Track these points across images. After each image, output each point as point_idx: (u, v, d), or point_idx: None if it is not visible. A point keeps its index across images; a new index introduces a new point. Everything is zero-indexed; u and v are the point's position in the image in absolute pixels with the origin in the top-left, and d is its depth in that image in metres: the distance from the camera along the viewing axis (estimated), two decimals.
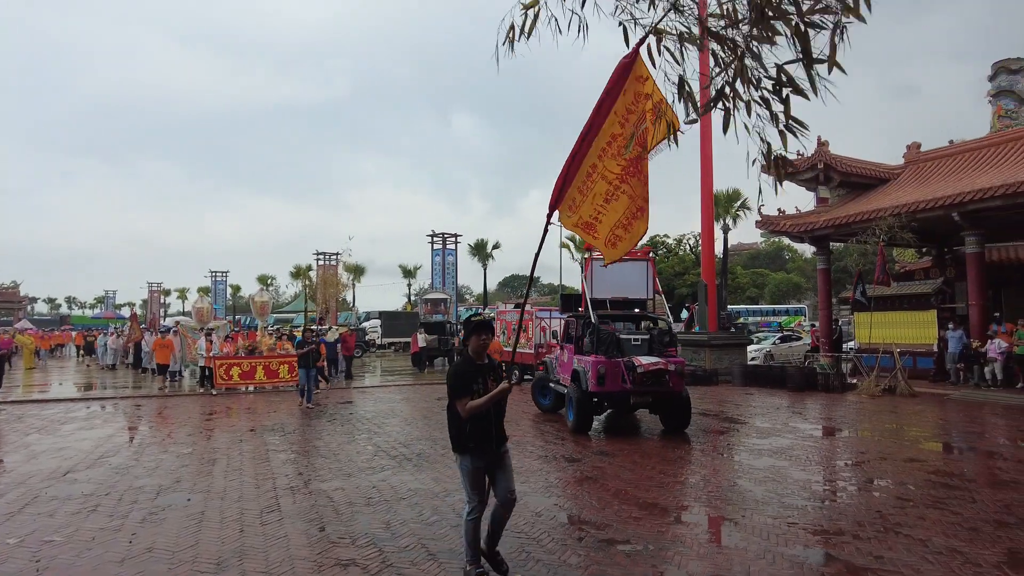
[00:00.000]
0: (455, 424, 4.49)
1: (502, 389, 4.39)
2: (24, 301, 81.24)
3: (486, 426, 4.46)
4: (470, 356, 4.50)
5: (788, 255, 79.58)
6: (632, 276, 12.80)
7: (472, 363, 4.47)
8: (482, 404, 4.32)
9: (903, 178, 21.65)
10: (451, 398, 4.46)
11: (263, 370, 18.03)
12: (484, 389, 4.37)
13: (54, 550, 5.30)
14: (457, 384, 4.39)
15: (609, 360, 10.68)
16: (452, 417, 4.51)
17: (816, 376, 17.85)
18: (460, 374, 4.42)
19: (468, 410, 4.32)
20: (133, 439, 10.70)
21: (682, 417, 10.94)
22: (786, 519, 6.04)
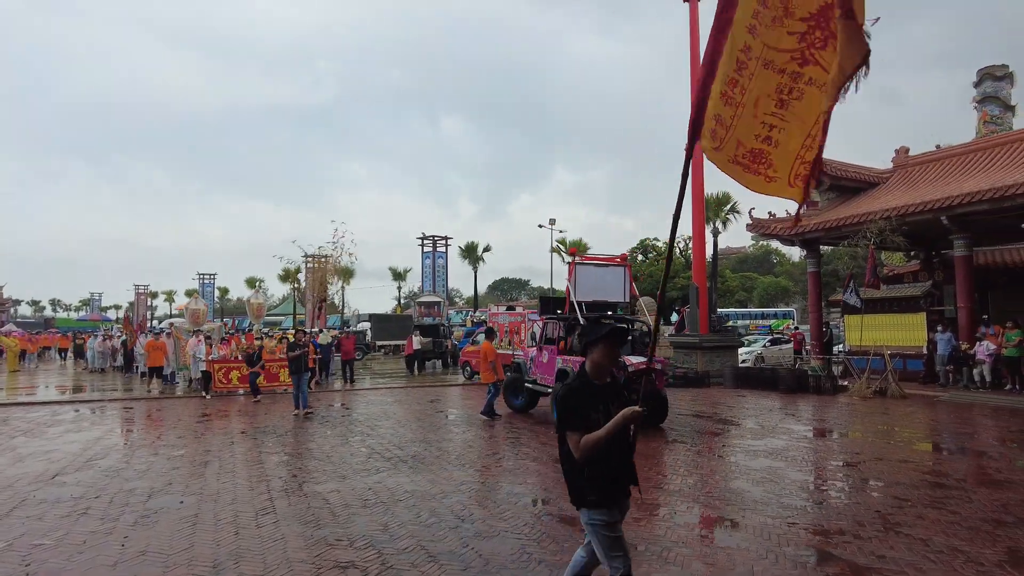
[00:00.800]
0: (572, 468, 3.31)
1: (629, 415, 3.15)
2: (7, 304, 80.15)
3: (611, 467, 3.28)
4: (587, 374, 3.30)
5: (776, 259, 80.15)
6: (611, 281, 13.40)
7: (590, 384, 3.26)
8: (600, 438, 3.12)
9: (892, 182, 21.85)
10: (561, 431, 3.28)
11: (263, 374, 17.65)
12: (607, 417, 3.18)
13: (44, 554, 5.18)
14: (569, 413, 3.18)
15: None
16: (567, 458, 3.32)
17: (807, 378, 17.93)
18: (573, 399, 3.19)
19: (583, 448, 3.13)
20: (123, 441, 10.53)
21: (661, 413, 11.68)
22: (786, 519, 6.02)
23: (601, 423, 3.15)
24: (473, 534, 5.62)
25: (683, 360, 20.93)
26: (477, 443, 10.18)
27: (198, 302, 27.83)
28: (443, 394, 17.62)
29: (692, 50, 22.55)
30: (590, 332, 3.35)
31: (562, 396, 3.24)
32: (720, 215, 42.79)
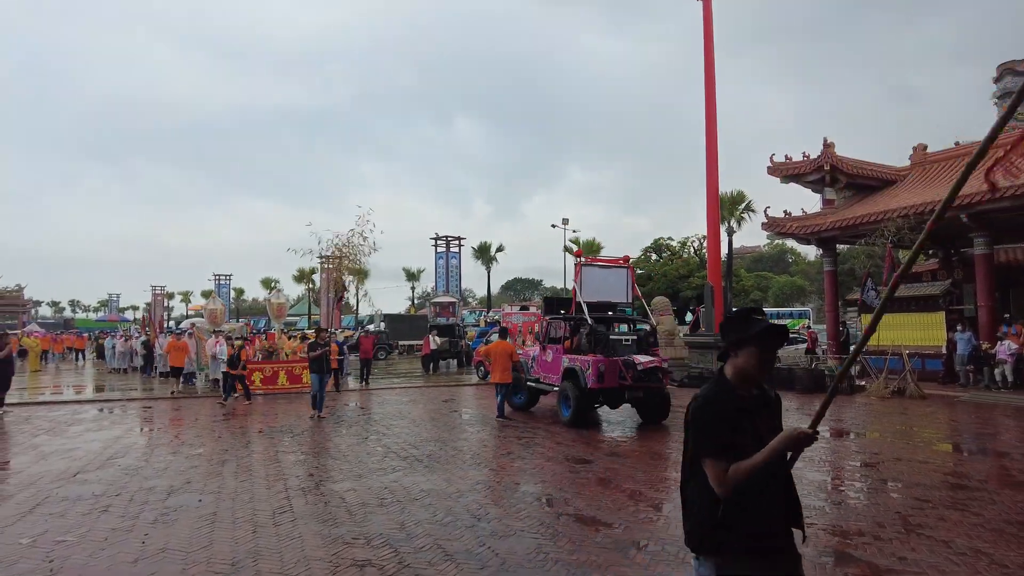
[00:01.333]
0: (702, 500, 2.40)
1: (795, 438, 2.31)
2: (28, 304, 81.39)
3: (763, 504, 2.33)
4: (728, 383, 2.44)
5: (791, 258, 79.49)
6: (614, 282, 13.94)
7: (732, 395, 2.40)
8: (754, 467, 2.27)
9: (910, 180, 21.59)
10: (696, 453, 2.41)
11: (285, 375, 17.56)
12: (756, 440, 2.32)
13: (67, 550, 5.26)
14: (709, 433, 2.34)
15: (608, 359, 11.55)
16: (701, 490, 2.40)
17: (824, 378, 17.77)
18: (713, 415, 2.36)
19: (729, 481, 2.28)
20: (142, 440, 10.66)
21: (664, 410, 12.11)
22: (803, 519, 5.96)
23: (750, 448, 2.30)
24: (489, 533, 5.62)
25: (698, 359, 20.82)
26: (492, 442, 10.19)
27: (215, 302, 27.33)
28: (457, 394, 17.65)
29: (706, 48, 22.43)
30: (735, 328, 2.47)
31: (698, 410, 2.42)
32: (735, 214, 42.52)
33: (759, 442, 2.32)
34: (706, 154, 22.27)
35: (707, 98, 22.27)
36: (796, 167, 21.85)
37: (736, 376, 2.46)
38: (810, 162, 21.49)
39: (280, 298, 27.37)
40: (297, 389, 17.40)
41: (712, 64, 22.42)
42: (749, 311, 2.53)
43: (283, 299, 28.00)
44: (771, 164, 22.25)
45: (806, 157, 21.69)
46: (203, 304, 29.83)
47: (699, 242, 55.73)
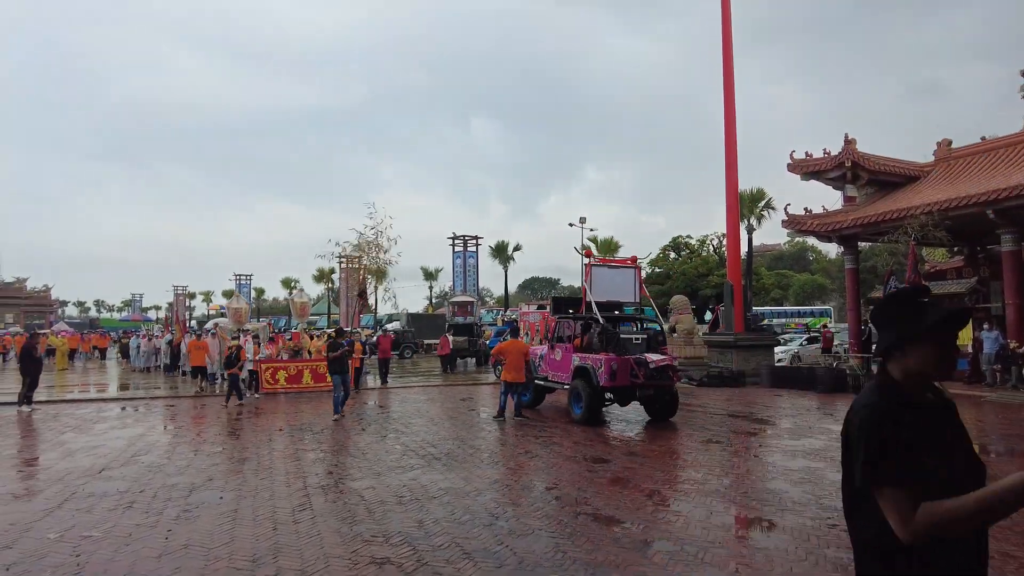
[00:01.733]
0: (872, 541, 1.78)
1: None
2: (55, 304, 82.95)
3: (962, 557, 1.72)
4: (898, 387, 1.85)
5: (812, 256, 78.55)
6: (622, 282, 14.22)
7: (908, 403, 1.79)
8: (968, 513, 1.59)
9: (933, 176, 21.21)
10: (867, 480, 1.73)
11: (310, 374, 17.34)
12: (947, 461, 1.73)
13: (93, 545, 5.35)
14: (885, 450, 1.71)
15: (620, 357, 11.74)
16: (866, 526, 1.80)
17: (846, 377, 17.55)
18: (891, 430, 1.73)
19: (925, 523, 1.62)
20: (165, 438, 10.81)
21: (672, 407, 12.29)
22: (826, 520, 5.90)
23: (943, 472, 1.69)
24: (507, 531, 5.63)
25: (718, 359, 20.66)
26: (510, 441, 10.20)
27: (239, 301, 27.11)
28: (475, 393, 17.68)
29: (724, 44, 22.23)
30: (905, 319, 1.86)
31: (866, 423, 1.76)
32: (755, 211, 42.08)
33: (950, 465, 1.71)
34: (725, 151, 22.08)
35: (726, 95, 22.07)
36: (817, 164, 21.58)
37: (908, 379, 1.85)
38: (831, 159, 21.20)
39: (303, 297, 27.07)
40: (322, 388, 17.07)
41: (730, 60, 22.22)
42: (914, 293, 1.93)
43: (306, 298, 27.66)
44: (791, 161, 22.00)
45: (827, 154, 21.40)
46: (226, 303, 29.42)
47: (718, 240, 55.36)
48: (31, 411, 13.91)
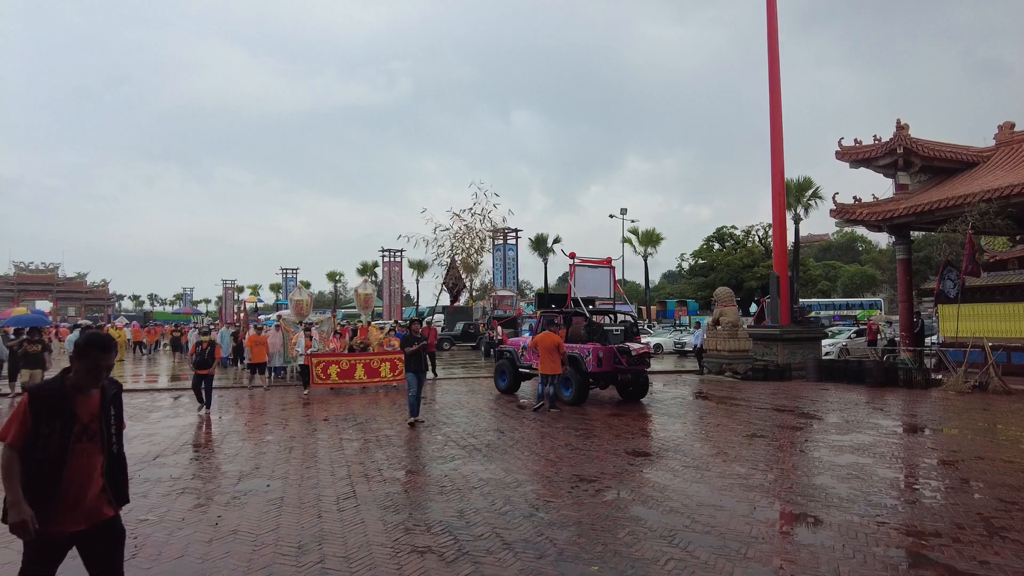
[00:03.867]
0: None
1: None
2: (112, 298, 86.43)
3: None
4: None
5: (861, 246, 76.14)
6: (600, 279, 16.13)
7: None
8: None
9: (994, 160, 20.26)
10: None
11: (363, 368, 16.50)
12: None
13: (148, 528, 5.58)
14: None
15: (606, 347, 13.40)
16: None
17: (897, 371, 16.97)
18: None
19: None
20: (215, 428, 11.16)
21: (644, 390, 14.24)
22: (875, 518, 5.73)
23: None
24: (547, 523, 5.64)
25: (763, 352, 20.23)
26: (550, 433, 10.20)
27: (301, 293, 23.79)
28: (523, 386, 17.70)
29: (770, 30, 21.65)
30: None
31: None
32: (801, 201, 40.95)
33: None
34: (771, 139, 21.53)
35: (771, 82, 21.50)
36: (866, 151, 20.84)
37: None
38: (881, 145, 20.45)
39: (368, 288, 24.38)
40: (376, 383, 16.59)
41: (776, 46, 21.63)
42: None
43: (370, 289, 24.96)
44: (840, 148, 21.31)
45: (877, 140, 20.65)
46: (291, 295, 27.04)
47: (764, 231, 54.10)
48: None
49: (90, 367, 3.01)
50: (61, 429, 2.92)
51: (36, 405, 2.92)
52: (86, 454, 3.00)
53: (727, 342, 20.43)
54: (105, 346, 3.05)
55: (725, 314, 20.96)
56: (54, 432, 2.90)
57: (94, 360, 3.01)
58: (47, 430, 2.89)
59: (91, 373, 3.02)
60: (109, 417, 3.13)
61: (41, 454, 2.88)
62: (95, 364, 3.02)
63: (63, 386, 3.01)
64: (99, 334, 3.18)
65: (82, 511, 2.98)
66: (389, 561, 4.79)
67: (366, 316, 24.43)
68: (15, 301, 64.14)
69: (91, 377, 3.02)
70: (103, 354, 3.04)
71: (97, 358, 3.02)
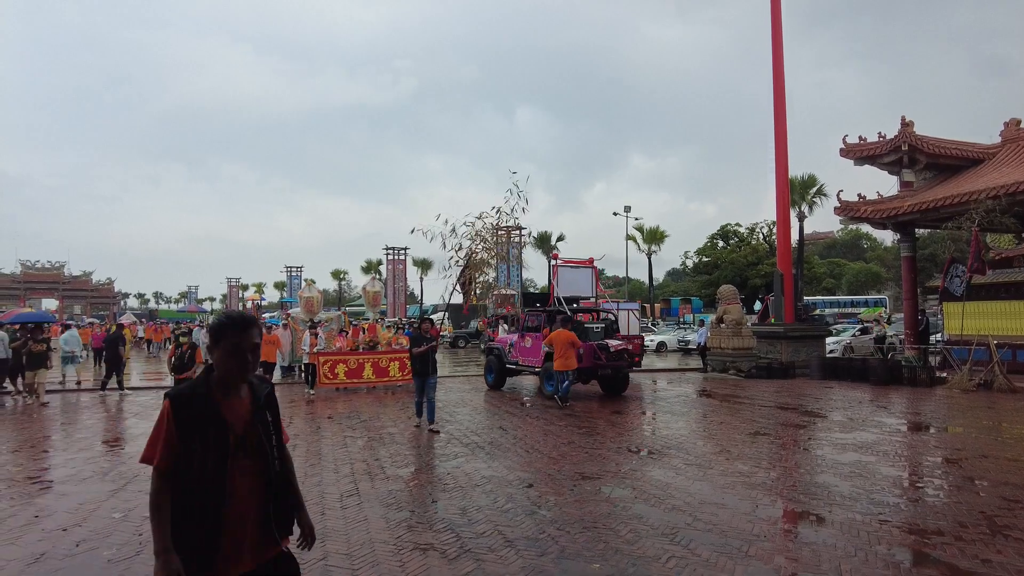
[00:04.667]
0: None
1: None
2: (118, 296, 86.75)
3: None
4: None
5: (866, 244, 75.90)
6: (582, 279, 16.82)
7: None
8: None
9: (1000, 158, 20.16)
10: None
11: (371, 367, 16.16)
12: None
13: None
14: None
15: (587, 343, 13.86)
16: None
17: (901, 369, 16.92)
18: None
19: None
20: None
21: (623, 385, 14.71)
22: (877, 516, 5.73)
23: None
24: (549, 521, 5.65)
25: (766, 350, 20.19)
26: (553, 431, 10.21)
27: (311, 290, 23.02)
28: (518, 383, 17.74)
29: (773, 28, 21.58)
30: None
31: None
32: (806, 198, 40.88)
33: None
34: (775, 137, 21.47)
35: (775, 79, 21.44)
36: (871, 148, 20.76)
37: None
38: (886, 142, 20.37)
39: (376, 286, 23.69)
40: (385, 383, 16.27)
41: (780, 44, 21.56)
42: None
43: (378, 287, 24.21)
44: (844, 146, 21.23)
45: (882, 137, 20.56)
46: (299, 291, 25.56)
47: (768, 228, 53.97)
48: (122, 395, 15.15)
49: (231, 352, 2.39)
50: (216, 442, 2.30)
51: (181, 412, 2.29)
52: (246, 474, 2.36)
53: (731, 340, 20.41)
54: (242, 323, 2.45)
55: (729, 312, 20.94)
56: (208, 446, 2.28)
57: (233, 342, 2.39)
58: (199, 445, 2.27)
59: (235, 360, 2.39)
60: (267, 424, 2.49)
61: (196, 478, 2.25)
62: (236, 347, 2.39)
63: (209, 386, 2.40)
64: (231, 311, 2.60)
65: (247, 548, 2.36)
66: (392, 558, 4.81)
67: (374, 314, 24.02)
68: (21, 300, 64.48)
69: (236, 366, 2.40)
70: (243, 332, 2.42)
71: (236, 339, 2.40)
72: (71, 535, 5.38)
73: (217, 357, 2.42)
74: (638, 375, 19.72)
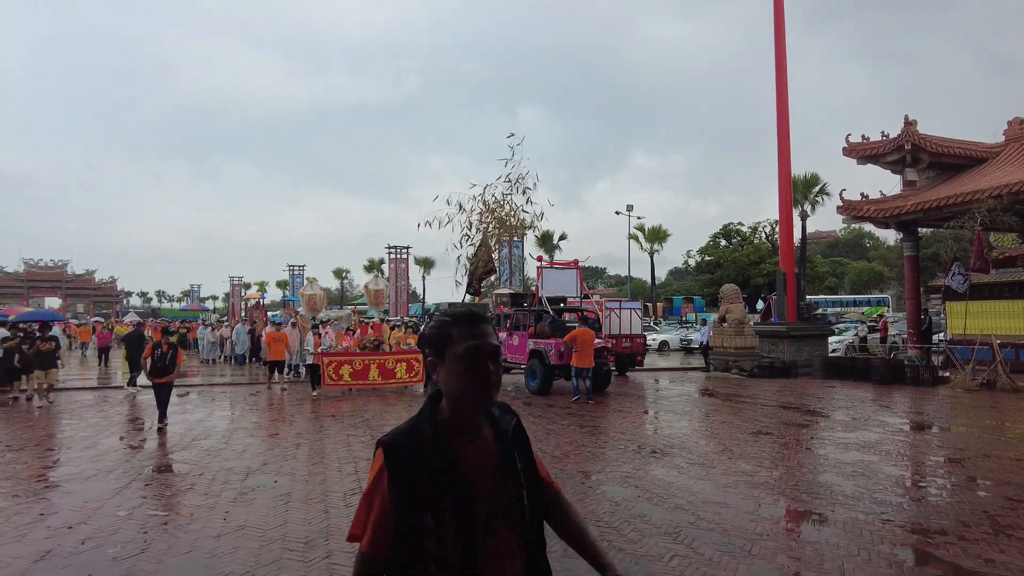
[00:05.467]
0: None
1: None
2: (120, 295, 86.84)
3: None
4: None
5: (869, 243, 75.73)
6: (567, 280, 17.42)
7: None
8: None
9: (1004, 156, 20.12)
10: None
11: (377, 369, 15.54)
12: None
13: (158, 523, 5.64)
14: None
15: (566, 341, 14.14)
16: None
17: (904, 368, 16.91)
18: None
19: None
20: (223, 424, 11.22)
21: (606, 382, 14.97)
22: (879, 516, 5.73)
23: None
24: None
25: (769, 349, 20.18)
26: (556, 429, 10.23)
27: (313, 287, 22.38)
28: (518, 380, 17.75)
29: (777, 26, 21.54)
30: None
31: None
32: (809, 197, 40.78)
33: None
34: (778, 136, 21.45)
35: (778, 78, 21.41)
36: (874, 147, 20.74)
37: None
38: (889, 141, 20.35)
39: (379, 284, 23.09)
40: (392, 385, 15.63)
41: (783, 42, 21.53)
42: None
43: (382, 285, 23.55)
44: (847, 145, 21.22)
45: (885, 136, 20.54)
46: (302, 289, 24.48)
47: (771, 227, 53.88)
48: (136, 391, 15.26)
49: (468, 366, 1.56)
50: (457, 512, 1.51)
51: (402, 470, 1.53)
52: (499, 554, 1.57)
53: (733, 339, 20.40)
54: (474, 320, 1.63)
55: (731, 311, 20.93)
56: (445, 519, 1.51)
57: (469, 351, 1.57)
58: (433, 521, 1.50)
59: (474, 379, 1.56)
60: (517, 474, 1.64)
61: (426, 566, 1.51)
62: (474, 357, 1.57)
63: (438, 426, 1.59)
64: (455, 307, 1.79)
65: None
66: None
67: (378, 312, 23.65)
68: (24, 298, 64.63)
69: (477, 388, 1.57)
70: (479, 333, 1.59)
71: (474, 345, 1.57)
72: (76, 533, 5.40)
73: (445, 377, 1.61)
74: (640, 374, 19.72)
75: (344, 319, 21.58)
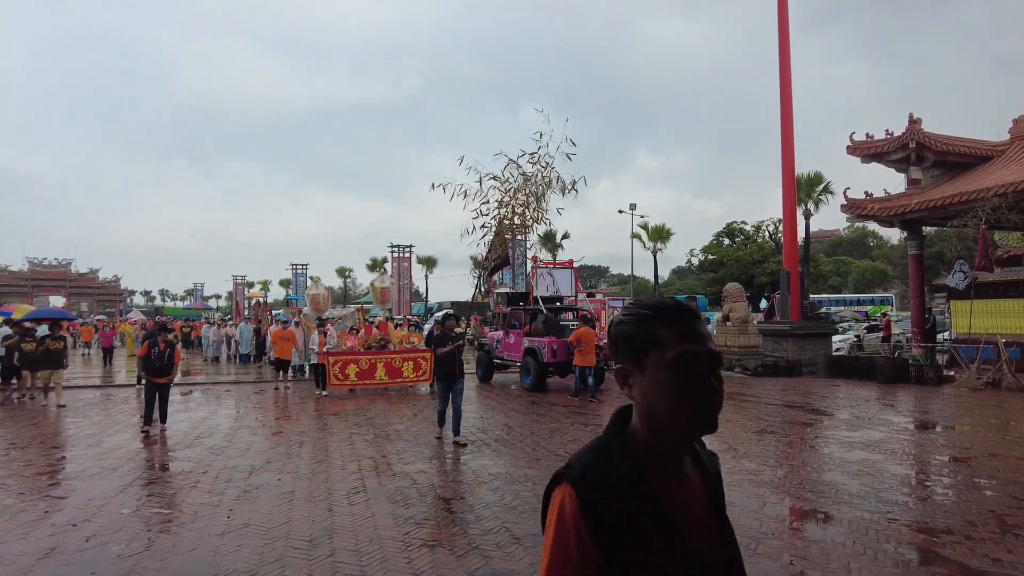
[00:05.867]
0: None
1: None
2: (124, 294, 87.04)
3: None
4: None
5: (872, 242, 75.54)
6: (562, 280, 18.23)
7: None
8: None
9: (1008, 155, 20.03)
10: None
11: (384, 368, 15.33)
12: None
13: (162, 521, 5.64)
14: None
15: (560, 339, 14.53)
16: None
17: (908, 368, 16.84)
18: None
19: None
20: (226, 423, 11.23)
21: (600, 380, 14.44)
22: (885, 515, 5.70)
23: None
24: None
25: (772, 348, 20.13)
26: (559, 428, 10.21)
27: (318, 287, 22.07)
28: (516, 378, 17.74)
29: (781, 25, 21.47)
30: None
31: None
32: (812, 196, 40.63)
33: None
34: (781, 134, 21.38)
35: (782, 76, 21.35)
36: (878, 145, 20.67)
37: None
38: (894, 140, 20.27)
39: (385, 282, 22.35)
40: (399, 384, 15.46)
41: (787, 41, 21.46)
42: None
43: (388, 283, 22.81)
44: (851, 143, 21.14)
45: (889, 135, 20.47)
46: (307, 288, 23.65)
47: (774, 226, 53.78)
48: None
49: (686, 378, 1.18)
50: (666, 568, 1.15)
51: (600, 516, 1.14)
52: None
53: (737, 338, 20.35)
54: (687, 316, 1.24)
55: (735, 310, 20.88)
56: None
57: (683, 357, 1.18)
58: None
59: (693, 398, 1.18)
60: (731, 530, 1.33)
61: None
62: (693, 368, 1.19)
63: (635, 458, 1.20)
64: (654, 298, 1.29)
65: None
66: (400, 555, 4.82)
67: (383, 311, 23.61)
68: (28, 297, 64.79)
69: (694, 411, 1.18)
70: (696, 335, 1.22)
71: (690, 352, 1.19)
72: (81, 530, 5.40)
73: (645, 392, 1.22)
74: None
75: (348, 317, 21.48)
